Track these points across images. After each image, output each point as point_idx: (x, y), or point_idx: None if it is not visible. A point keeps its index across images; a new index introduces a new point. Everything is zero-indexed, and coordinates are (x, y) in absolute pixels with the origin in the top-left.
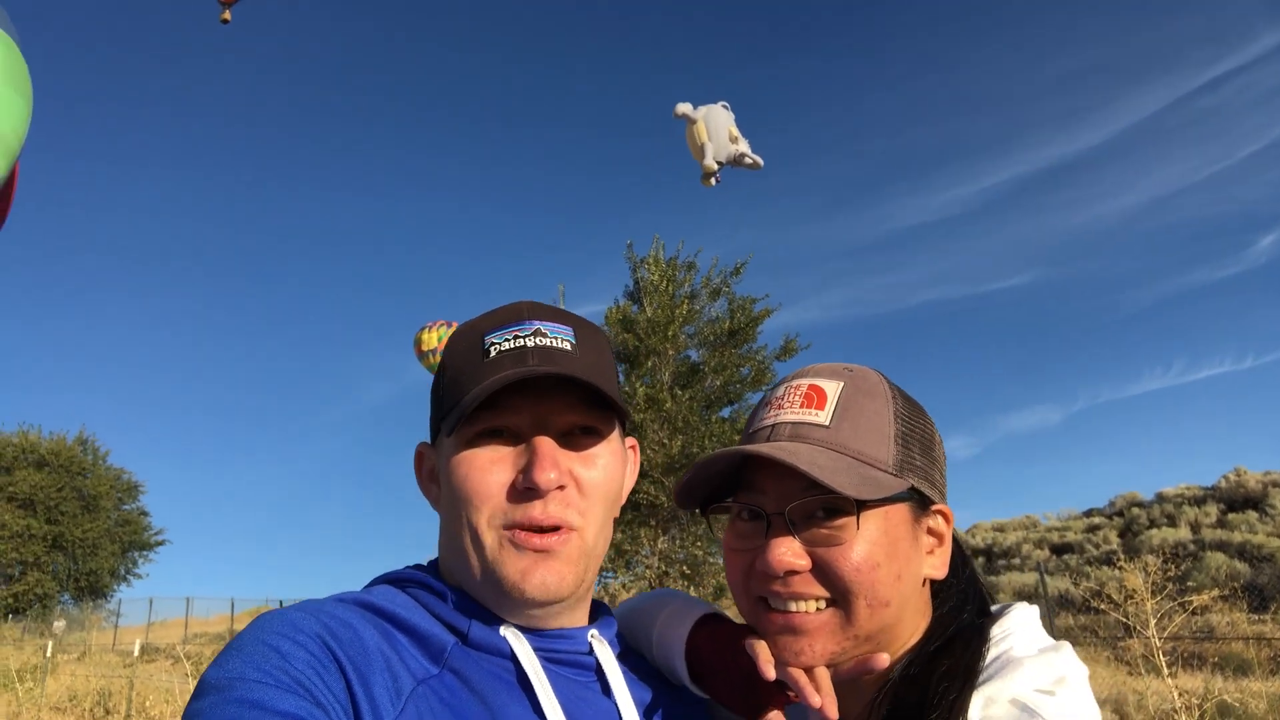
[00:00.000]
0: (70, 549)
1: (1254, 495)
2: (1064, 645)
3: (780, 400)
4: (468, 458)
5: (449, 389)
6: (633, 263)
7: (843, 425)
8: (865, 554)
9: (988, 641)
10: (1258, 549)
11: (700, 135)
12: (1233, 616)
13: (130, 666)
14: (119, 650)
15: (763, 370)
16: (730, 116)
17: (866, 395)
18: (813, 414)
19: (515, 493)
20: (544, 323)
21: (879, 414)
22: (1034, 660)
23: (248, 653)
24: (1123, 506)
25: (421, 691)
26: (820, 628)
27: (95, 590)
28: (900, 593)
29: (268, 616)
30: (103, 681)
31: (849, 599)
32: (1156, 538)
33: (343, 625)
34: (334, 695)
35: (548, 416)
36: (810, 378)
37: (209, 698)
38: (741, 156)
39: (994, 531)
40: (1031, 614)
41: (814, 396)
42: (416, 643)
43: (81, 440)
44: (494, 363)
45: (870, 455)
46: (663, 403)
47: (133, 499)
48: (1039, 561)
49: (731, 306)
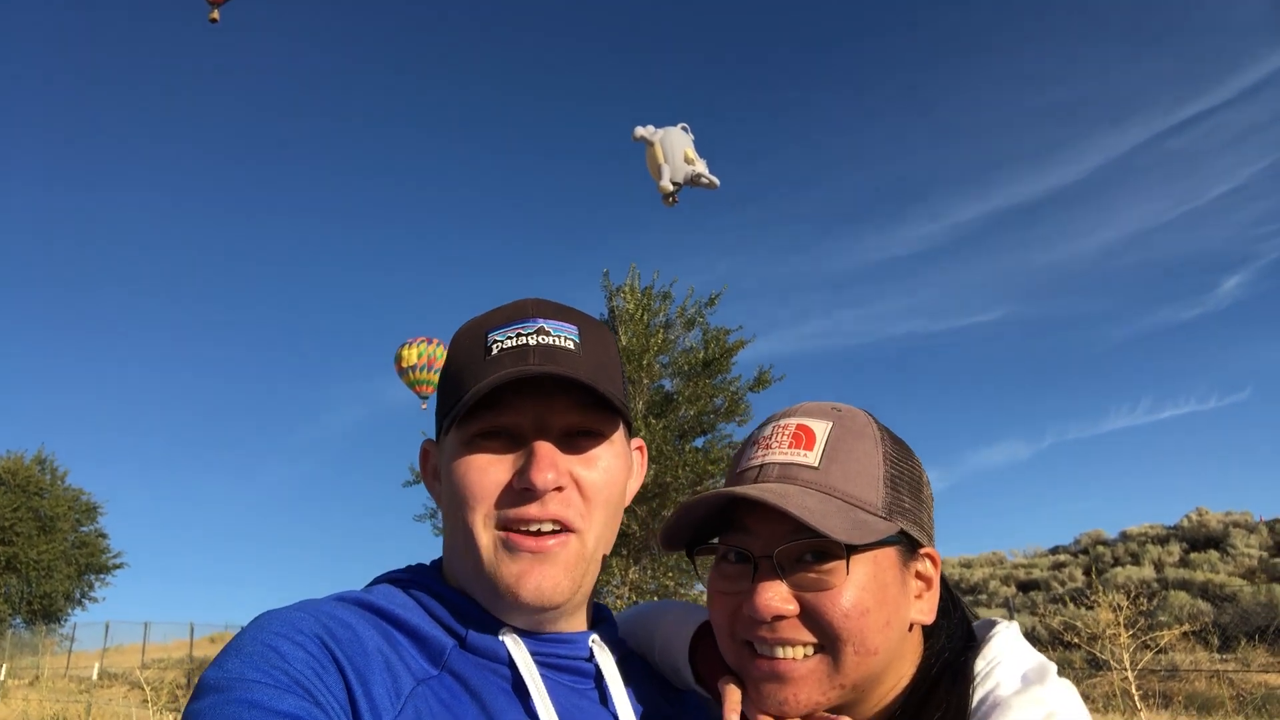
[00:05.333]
0: (24, 571)
1: (1215, 535)
2: (1049, 670)
3: (768, 440)
4: (466, 458)
5: (451, 387)
6: (608, 291)
7: (832, 467)
8: (855, 599)
9: (973, 681)
10: (1219, 588)
11: (658, 157)
12: (1196, 655)
13: (86, 691)
14: (72, 675)
15: (736, 401)
16: (689, 138)
17: (856, 436)
18: (801, 455)
19: (512, 494)
20: (548, 320)
21: (868, 456)
22: (1020, 699)
23: (247, 653)
24: (1088, 544)
25: (421, 692)
26: (806, 676)
27: (49, 614)
28: (888, 640)
29: (267, 616)
30: (58, 707)
31: (837, 646)
32: (1121, 575)
33: (342, 625)
34: (333, 695)
35: (548, 417)
36: (799, 417)
37: (208, 698)
38: (698, 177)
39: (961, 567)
40: (1012, 636)
41: (802, 437)
42: (416, 644)
43: (40, 459)
44: (495, 360)
45: (860, 498)
46: (637, 431)
47: (91, 520)
48: (1006, 598)
49: (706, 337)
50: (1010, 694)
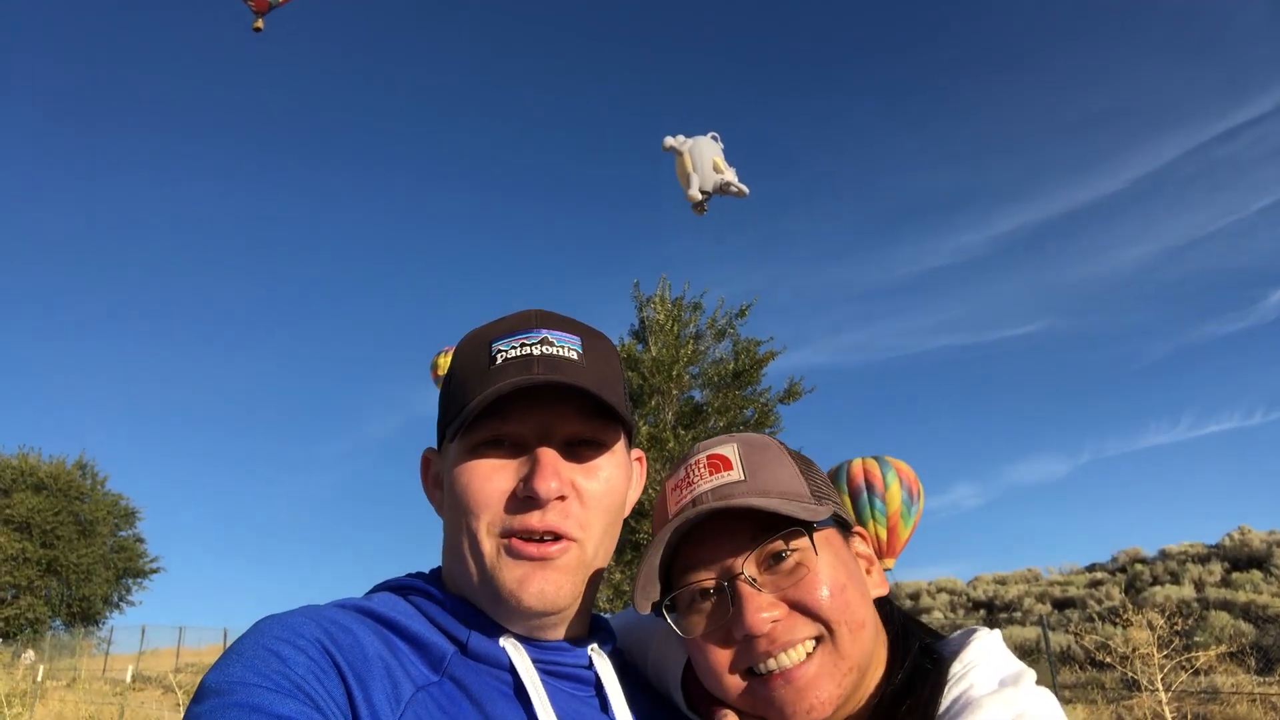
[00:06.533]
0: (64, 574)
1: (1258, 555)
2: (1025, 675)
3: (688, 479)
4: (470, 465)
5: (454, 395)
6: (639, 301)
7: (757, 474)
8: (832, 577)
9: (947, 680)
10: (1262, 609)
11: (686, 166)
12: (1237, 678)
13: (120, 694)
14: (108, 678)
15: (766, 413)
16: (718, 147)
17: (761, 449)
18: (725, 475)
19: (515, 501)
20: (552, 331)
21: (779, 460)
22: (992, 699)
23: (248, 657)
24: (1125, 562)
25: (421, 698)
26: (817, 674)
27: (87, 616)
28: (870, 612)
29: (268, 621)
30: (92, 709)
31: (833, 628)
32: (1160, 595)
33: (343, 630)
34: (334, 700)
35: (551, 426)
36: (703, 451)
37: (209, 701)
38: (727, 185)
39: (995, 584)
40: (993, 641)
41: (718, 463)
42: (416, 650)
43: (81, 464)
44: (499, 370)
45: (793, 492)
46: (665, 442)
47: (129, 525)
48: (1041, 616)
49: (736, 348)
50: (982, 694)
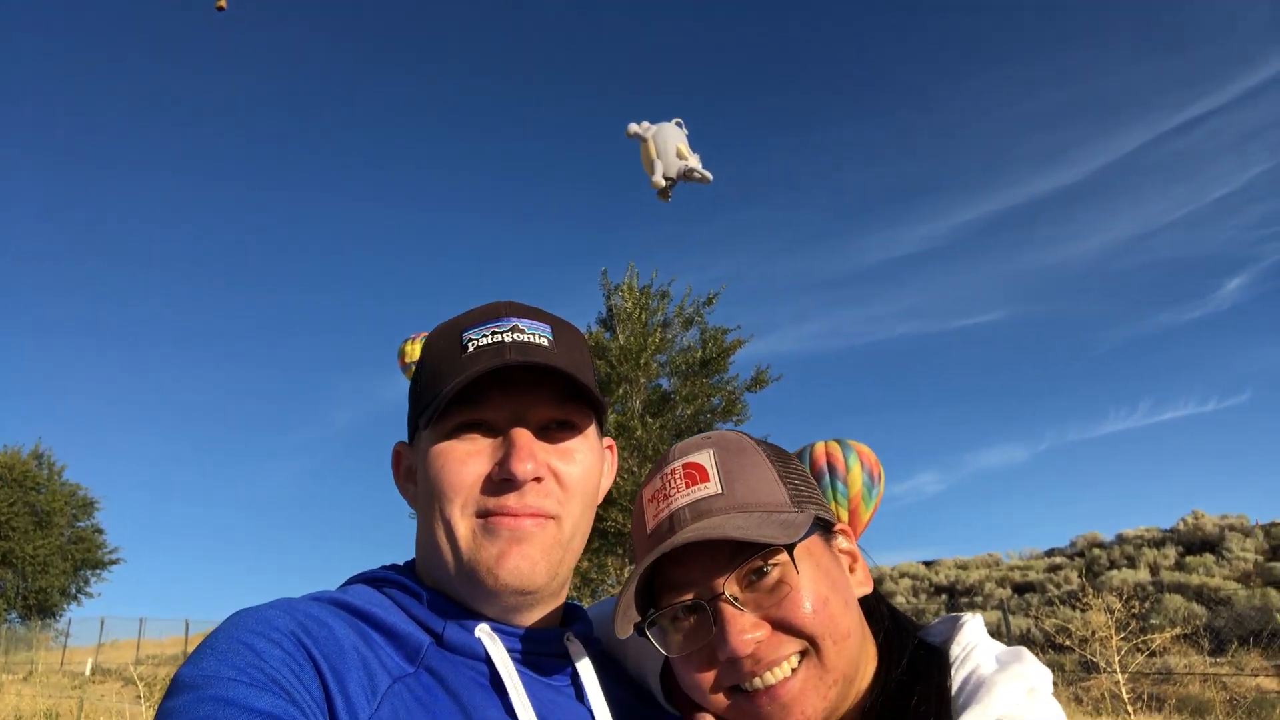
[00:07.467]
0: (20, 566)
1: (1211, 539)
2: (1021, 651)
3: (664, 490)
4: (444, 450)
5: (427, 385)
6: (606, 289)
7: (735, 486)
8: (814, 593)
9: (951, 664)
10: (1214, 591)
11: (650, 152)
12: (1190, 659)
13: (80, 687)
14: (67, 671)
15: (733, 401)
16: (682, 133)
17: (738, 453)
18: (702, 488)
19: (491, 484)
20: (522, 319)
21: (757, 465)
22: (1004, 676)
23: (222, 650)
24: (1084, 547)
25: (397, 689)
26: (802, 689)
27: (44, 609)
28: (853, 619)
29: (242, 614)
30: (50, 702)
31: (817, 643)
32: (1117, 578)
33: (317, 623)
34: (309, 693)
35: (525, 410)
36: (680, 458)
37: (183, 695)
38: (690, 171)
39: (957, 569)
40: (979, 625)
41: (695, 473)
42: (392, 642)
43: (37, 454)
44: (471, 358)
45: (771, 503)
46: (633, 430)
47: (88, 516)
48: (1001, 600)
49: (704, 336)
50: (992, 673)
